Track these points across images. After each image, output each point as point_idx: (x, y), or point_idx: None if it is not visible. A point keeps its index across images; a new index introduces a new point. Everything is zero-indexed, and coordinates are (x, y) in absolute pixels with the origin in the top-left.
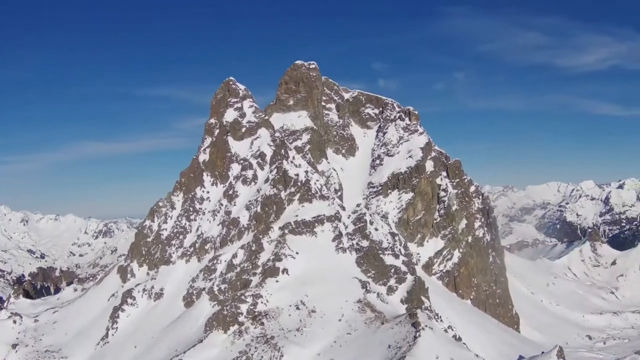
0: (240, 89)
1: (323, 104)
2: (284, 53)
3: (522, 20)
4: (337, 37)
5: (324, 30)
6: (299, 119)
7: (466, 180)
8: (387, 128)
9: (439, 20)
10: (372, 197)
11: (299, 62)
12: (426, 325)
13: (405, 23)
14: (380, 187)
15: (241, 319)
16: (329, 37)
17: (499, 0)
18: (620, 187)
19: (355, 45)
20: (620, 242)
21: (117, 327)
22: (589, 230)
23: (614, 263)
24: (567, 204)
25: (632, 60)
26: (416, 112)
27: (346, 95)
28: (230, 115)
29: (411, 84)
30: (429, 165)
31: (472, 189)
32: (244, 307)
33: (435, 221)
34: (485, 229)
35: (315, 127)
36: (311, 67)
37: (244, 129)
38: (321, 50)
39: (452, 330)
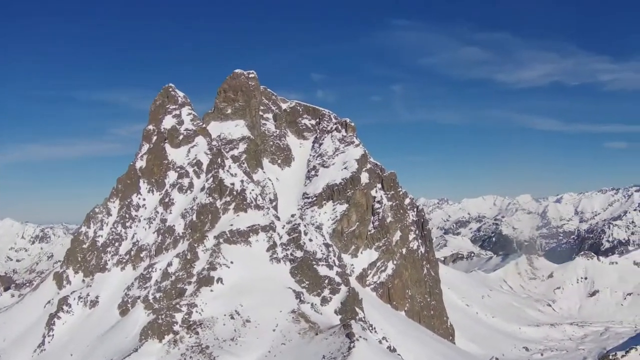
0: (179, 96)
1: (261, 113)
2: (225, 61)
3: (463, 35)
4: (277, 46)
5: (264, 39)
6: (236, 128)
7: (401, 193)
8: (323, 139)
9: (379, 32)
10: (307, 208)
11: (238, 70)
12: (360, 336)
13: (345, 34)
14: (315, 198)
15: (176, 328)
16: (269, 47)
17: (441, 14)
18: (558, 201)
19: (294, 56)
20: (557, 256)
21: (53, 335)
22: (526, 243)
23: (550, 276)
24: (503, 217)
25: (574, 76)
26: (352, 124)
27: (284, 106)
28: (168, 122)
29: (349, 95)
30: (364, 177)
31: (407, 201)
32: (179, 316)
33: (369, 233)
34: (420, 241)
35: (252, 136)
36: (250, 76)
37: (181, 137)
38: (261, 60)
39: (387, 341)
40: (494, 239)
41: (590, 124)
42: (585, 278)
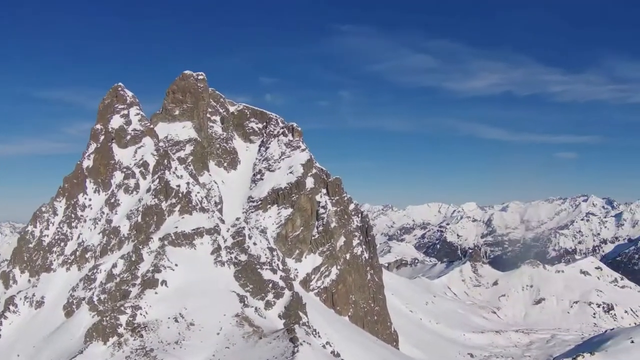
0: (128, 96)
1: (208, 115)
2: (175, 62)
3: (413, 43)
4: (227, 49)
5: (215, 41)
6: (183, 130)
7: (346, 198)
8: (269, 143)
9: (329, 37)
10: (252, 212)
11: (187, 72)
12: (304, 341)
13: (294, 38)
14: (260, 202)
15: (120, 330)
16: (219, 49)
17: (392, 21)
18: (504, 209)
19: (244, 58)
20: (502, 263)
21: (0, 335)
22: (470, 250)
23: (495, 283)
24: (447, 224)
25: (524, 87)
26: (299, 129)
27: (232, 109)
28: (116, 121)
29: (297, 99)
30: (309, 182)
31: (352, 207)
32: (123, 319)
33: (313, 237)
34: (364, 246)
35: (199, 138)
36: (199, 77)
37: (128, 137)
38: (211, 62)
39: (331, 346)
40: (438, 246)
41: (539, 134)
42: (531, 286)
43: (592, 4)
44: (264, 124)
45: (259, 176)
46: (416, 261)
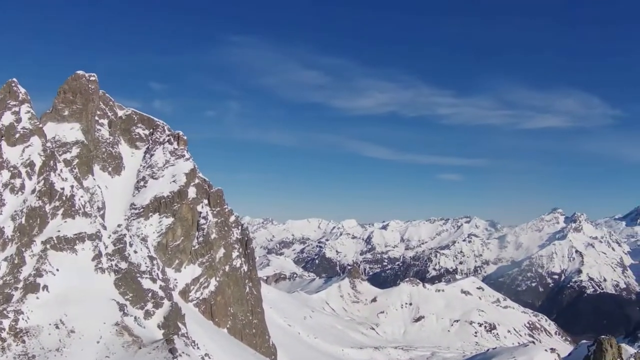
0: (20, 92)
1: (97, 118)
2: (69, 61)
3: (304, 58)
4: (120, 51)
5: (109, 42)
6: (71, 131)
7: (227, 210)
8: (154, 150)
9: (220, 47)
10: (134, 219)
11: (80, 72)
12: (183, 352)
13: (186, 46)
14: (142, 209)
15: (4, 335)
16: (112, 51)
17: (283, 35)
18: (384, 227)
19: (135, 63)
20: (381, 281)
21: None
22: (349, 267)
23: (374, 300)
24: (327, 240)
25: (412, 108)
26: (185, 137)
27: (120, 113)
28: (7, 118)
29: (185, 107)
30: (192, 192)
31: (232, 218)
32: (6, 323)
33: (193, 248)
34: (243, 259)
35: (86, 141)
36: (91, 79)
37: (17, 135)
38: (104, 63)
39: (209, 358)
40: (317, 261)
41: (425, 155)
42: (410, 304)
43: (485, 29)
44: (151, 130)
45: (142, 183)
46: (295, 275)
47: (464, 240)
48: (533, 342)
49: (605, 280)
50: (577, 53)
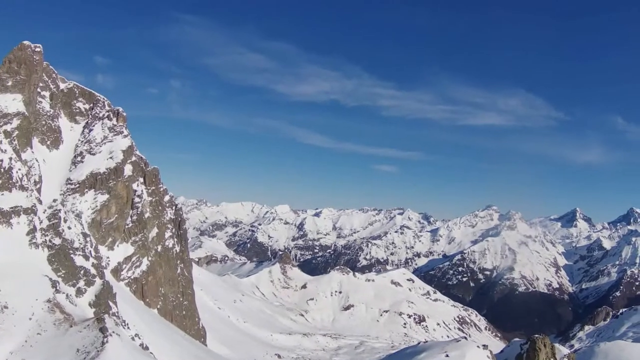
0: None
1: (39, 90)
2: (17, 30)
3: (251, 41)
4: (65, 23)
5: (54, 13)
6: (13, 102)
7: (162, 189)
8: (93, 125)
9: (167, 25)
10: (69, 194)
11: (26, 42)
12: (113, 332)
13: (133, 21)
14: (78, 185)
15: None
16: (58, 22)
17: (232, 17)
18: (317, 215)
19: (81, 35)
20: (312, 268)
21: None
22: (280, 252)
23: (304, 287)
24: (260, 224)
25: (354, 97)
26: (124, 114)
27: (62, 86)
28: None
29: (128, 83)
30: (128, 169)
31: (167, 198)
32: None
33: (127, 226)
34: (176, 240)
35: (27, 113)
36: (36, 50)
37: None
38: (49, 34)
39: (140, 338)
40: (249, 245)
41: (362, 145)
42: (340, 292)
43: (432, 24)
44: (91, 105)
45: (79, 158)
46: (226, 258)
47: (396, 232)
48: (465, 338)
49: (537, 279)
50: (524, 54)
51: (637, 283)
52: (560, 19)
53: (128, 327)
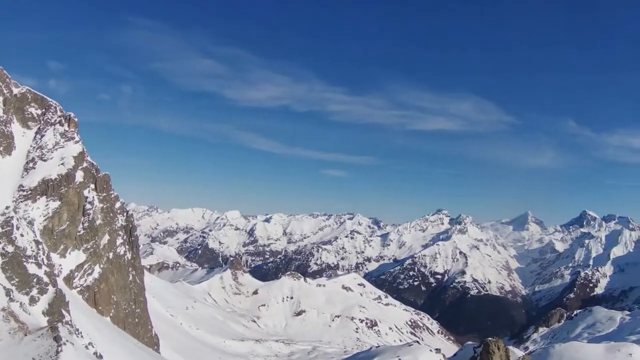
0: None
1: None
2: None
3: (202, 46)
4: (19, 26)
5: (7, 17)
6: None
7: (113, 196)
8: (45, 131)
9: (120, 28)
10: (21, 201)
11: None
12: (67, 340)
13: (85, 24)
14: (30, 192)
15: None
16: (11, 25)
17: (184, 21)
18: (267, 220)
19: (34, 39)
20: (263, 273)
21: None
22: (231, 258)
23: (255, 292)
24: (210, 230)
25: (304, 102)
26: (76, 119)
27: (15, 90)
28: None
29: (80, 89)
30: (79, 176)
31: (118, 205)
32: None
33: (78, 233)
34: (127, 247)
35: None
36: None
37: None
38: (3, 38)
39: (93, 347)
40: (200, 251)
41: (312, 150)
42: (292, 297)
43: (381, 27)
44: (43, 110)
45: (31, 164)
46: (178, 265)
47: (346, 237)
48: (417, 342)
49: (489, 282)
50: (475, 59)
51: (590, 285)
52: (509, 20)
53: (82, 336)
